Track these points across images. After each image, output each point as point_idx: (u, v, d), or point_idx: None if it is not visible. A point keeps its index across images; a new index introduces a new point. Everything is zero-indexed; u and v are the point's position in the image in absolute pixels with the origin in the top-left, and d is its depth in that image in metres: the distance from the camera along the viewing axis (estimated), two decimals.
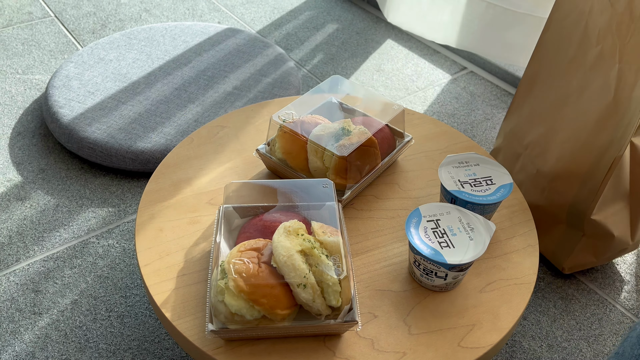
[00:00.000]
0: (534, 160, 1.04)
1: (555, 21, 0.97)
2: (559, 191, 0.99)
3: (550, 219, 1.02)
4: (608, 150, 0.90)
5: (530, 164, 1.05)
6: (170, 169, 0.85)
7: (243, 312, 0.58)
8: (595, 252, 1.01)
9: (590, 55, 0.91)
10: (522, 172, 1.07)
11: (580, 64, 0.93)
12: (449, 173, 0.76)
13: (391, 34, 1.76)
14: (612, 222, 0.97)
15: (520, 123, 1.08)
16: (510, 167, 1.10)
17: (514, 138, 1.10)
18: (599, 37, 0.90)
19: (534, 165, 1.04)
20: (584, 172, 0.94)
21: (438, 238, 0.66)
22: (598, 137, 0.91)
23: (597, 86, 0.90)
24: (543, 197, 1.02)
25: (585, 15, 0.91)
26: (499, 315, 0.67)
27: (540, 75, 1.02)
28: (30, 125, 1.34)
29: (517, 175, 1.08)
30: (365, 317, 0.66)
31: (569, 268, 1.03)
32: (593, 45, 0.91)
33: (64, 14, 1.76)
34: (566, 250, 1.02)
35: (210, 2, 1.88)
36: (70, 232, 1.10)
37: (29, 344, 0.91)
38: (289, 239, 0.60)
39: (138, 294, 0.99)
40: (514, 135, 1.10)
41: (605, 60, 0.89)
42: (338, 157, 0.75)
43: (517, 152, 1.08)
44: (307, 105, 0.86)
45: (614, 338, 0.98)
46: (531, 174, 1.04)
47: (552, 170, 1.00)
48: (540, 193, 1.03)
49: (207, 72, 1.44)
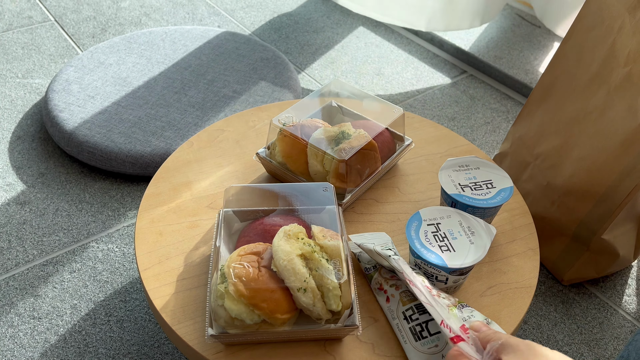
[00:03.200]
0: (544, 172, 1.01)
1: (578, 32, 0.94)
2: (569, 206, 0.97)
3: (556, 231, 1.01)
4: (630, 175, 0.87)
5: (540, 175, 1.02)
6: (170, 173, 0.85)
7: (243, 317, 0.58)
8: (597, 267, 1.00)
9: (616, 76, 0.88)
10: (530, 181, 1.05)
11: (604, 82, 0.90)
12: (449, 177, 0.75)
13: (390, 38, 1.77)
14: (620, 241, 0.96)
15: (530, 131, 1.05)
16: (518, 175, 1.08)
17: (523, 145, 1.07)
18: (628, 58, 0.86)
19: (544, 176, 1.01)
20: (601, 193, 0.91)
21: (438, 242, 0.66)
22: (620, 160, 0.88)
23: (622, 109, 0.87)
24: (552, 210, 1.00)
25: (614, 32, 0.88)
26: (500, 319, 0.67)
27: (557, 86, 0.99)
28: (30, 129, 1.34)
29: (525, 184, 1.06)
30: (365, 321, 0.66)
31: (568, 280, 1.03)
32: (620, 66, 0.87)
33: (64, 18, 1.76)
34: (568, 262, 1.01)
35: (210, 6, 1.88)
36: (70, 237, 1.09)
37: (28, 348, 0.91)
38: (289, 243, 0.60)
39: (137, 299, 0.99)
40: (523, 143, 1.07)
41: (634, 83, 0.85)
42: (338, 161, 0.75)
43: (525, 161, 1.06)
44: (307, 108, 0.86)
45: (615, 342, 0.97)
46: (541, 185, 1.02)
47: (564, 185, 0.97)
48: (549, 205, 1.00)
49: (206, 75, 1.44)
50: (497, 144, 1.38)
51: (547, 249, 1.03)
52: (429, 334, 0.62)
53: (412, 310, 0.64)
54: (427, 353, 0.60)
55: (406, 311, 0.64)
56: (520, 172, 1.07)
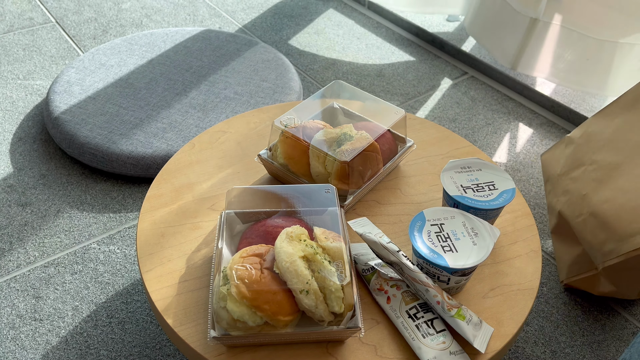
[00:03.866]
0: (589, 182, 0.95)
1: None
2: (589, 227, 0.92)
3: (573, 237, 0.98)
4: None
5: (585, 182, 0.96)
6: (171, 175, 0.85)
7: (245, 319, 0.58)
8: (599, 288, 0.99)
9: None
10: (576, 182, 0.99)
11: None
12: (451, 178, 0.75)
13: (392, 39, 1.77)
14: (622, 278, 0.93)
15: (602, 133, 0.98)
16: (569, 170, 1.02)
17: (588, 142, 1.01)
18: None
19: (586, 186, 0.95)
20: (618, 233, 0.86)
21: (441, 242, 0.66)
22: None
23: None
24: (578, 220, 0.95)
25: None
26: (502, 321, 0.67)
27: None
28: (31, 130, 1.34)
29: (571, 182, 1.00)
30: (368, 323, 0.66)
31: (566, 284, 1.03)
32: None
33: (65, 20, 1.76)
34: (573, 270, 0.99)
35: (211, 8, 1.88)
36: (71, 238, 1.09)
37: (29, 350, 0.91)
38: (291, 245, 0.60)
39: (139, 300, 0.99)
40: (589, 140, 1.00)
41: None
42: (340, 163, 0.75)
43: (581, 160, 1.00)
44: (308, 110, 0.86)
45: (617, 344, 0.97)
46: (579, 192, 0.96)
47: (595, 205, 0.92)
48: (577, 215, 0.96)
49: (208, 77, 1.44)
50: (498, 145, 1.38)
51: (565, 250, 1.01)
52: (436, 332, 0.62)
53: (416, 308, 0.64)
54: (436, 349, 0.60)
55: (410, 310, 0.64)
56: (573, 168, 1.01)
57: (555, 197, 1.04)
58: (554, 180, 1.05)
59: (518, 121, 1.46)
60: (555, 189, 1.04)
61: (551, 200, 1.05)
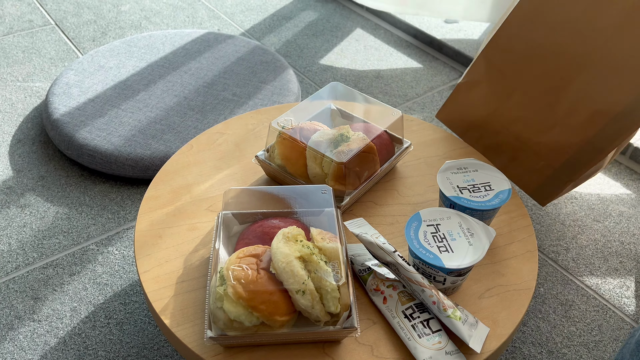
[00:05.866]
0: (547, 92, 0.98)
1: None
2: (573, 127, 0.95)
3: (542, 159, 1.01)
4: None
5: (540, 98, 1.00)
6: (169, 176, 0.85)
7: (242, 319, 0.58)
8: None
9: None
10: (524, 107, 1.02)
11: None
12: (447, 179, 0.76)
13: (390, 41, 1.77)
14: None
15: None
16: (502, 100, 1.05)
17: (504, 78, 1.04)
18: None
19: (545, 99, 0.99)
20: (617, 111, 0.89)
21: (437, 242, 0.66)
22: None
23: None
24: (551, 134, 0.99)
25: None
26: (498, 321, 0.67)
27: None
28: (30, 132, 1.34)
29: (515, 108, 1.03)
30: (364, 323, 0.66)
31: (546, 204, 1.05)
32: None
33: (65, 22, 1.77)
34: (551, 193, 1.02)
35: (210, 10, 1.89)
36: (70, 239, 1.10)
37: (28, 351, 0.91)
38: (287, 245, 0.60)
39: (137, 301, 0.99)
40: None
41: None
42: (337, 164, 0.75)
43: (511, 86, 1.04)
44: (306, 111, 0.87)
45: (614, 344, 0.97)
46: (540, 108, 1.00)
47: (571, 106, 0.94)
48: (548, 128, 0.99)
49: (206, 79, 1.45)
50: None
51: (526, 178, 1.03)
52: (431, 331, 0.62)
53: (412, 309, 0.64)
54: (432, 349, 0.61)
55: (406, 310, 0.64)
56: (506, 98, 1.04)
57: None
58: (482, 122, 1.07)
59: None
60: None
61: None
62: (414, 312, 0.64)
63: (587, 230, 1.18)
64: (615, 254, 1.13)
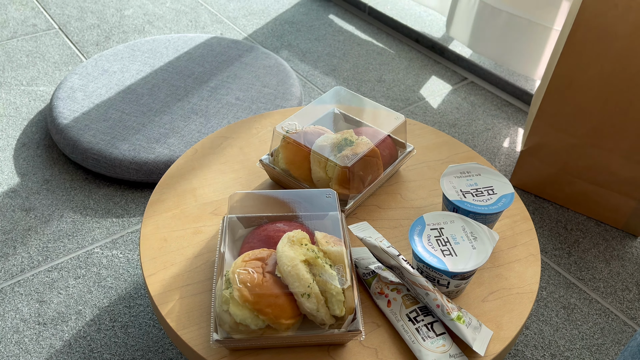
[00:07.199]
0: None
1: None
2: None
3: (624, 193, 1.11)
4: None
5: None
6: (174, 180, 0.86)
7: (248, 322, 0.59)
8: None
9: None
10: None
11: None
12: (450, 183, 0.76)
13: (392, 45, 1.78)
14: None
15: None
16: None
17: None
18: None
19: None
20: None
21: (441, 246, 0.67)
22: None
23: None
24: (629, 167, 1.09)
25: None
26: (501, 324, 0.67)
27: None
28: (35, 136, 1.35)
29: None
30: (368, 326, 0.67)
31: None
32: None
33: (68, 26, 1.78)
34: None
35: (213, 14, 1.90)
36: (75, 243, 1.10)
37: (33, 354, 0.92)
38: (292, 249, 0.61)
39: (142, 304, 1.00)
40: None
41: None
42: (341, 168, 0.76)
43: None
44: (310, 116, 0.87)
45: (616, 347, 0.98)
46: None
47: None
48: (627, 161, 1.09)
49: (209, 83, 1.45)
50: (497, 150, 1.39)
51: (613, 216, 1.14)
52: (435, 335, 0.62)
53: (417, 312, 0.64)
54: (436, 352, 0.61)
55: (410, 313, 0.64)
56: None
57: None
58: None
59: (517, 126, 1.47)
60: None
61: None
62: (418, 316, 0.64)
63: (588, 234, 1.18)
64: (617, 257, 1.13)
